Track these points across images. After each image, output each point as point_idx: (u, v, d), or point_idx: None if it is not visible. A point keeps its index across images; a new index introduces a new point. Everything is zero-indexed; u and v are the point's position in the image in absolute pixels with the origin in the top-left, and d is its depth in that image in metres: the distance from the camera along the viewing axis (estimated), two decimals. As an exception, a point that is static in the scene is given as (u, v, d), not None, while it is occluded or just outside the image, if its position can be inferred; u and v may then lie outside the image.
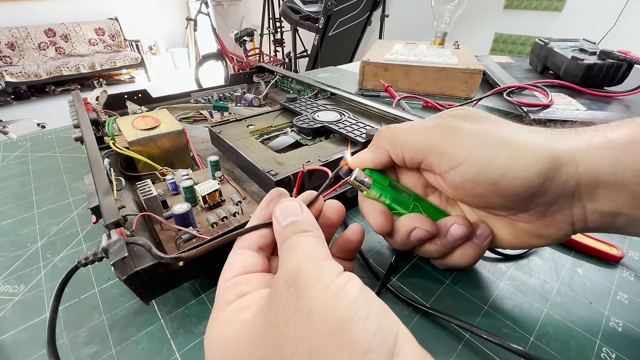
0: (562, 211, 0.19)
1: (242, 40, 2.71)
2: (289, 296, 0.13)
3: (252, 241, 0.18)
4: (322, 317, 0.12)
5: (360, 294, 0.13)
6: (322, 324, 0.12)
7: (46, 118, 2.37)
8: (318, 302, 0.12)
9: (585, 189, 0.18)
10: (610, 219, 0.18)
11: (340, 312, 0.12)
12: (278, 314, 0.13)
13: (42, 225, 0.33)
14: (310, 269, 0.14)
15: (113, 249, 0.20)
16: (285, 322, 0.13)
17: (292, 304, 0.13)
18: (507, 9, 1.99)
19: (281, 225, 0.17)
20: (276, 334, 0.13)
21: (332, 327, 0.12)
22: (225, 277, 0.17)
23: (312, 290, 0.13)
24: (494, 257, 0.28)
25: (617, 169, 0.17)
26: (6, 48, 3.11)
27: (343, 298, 0.12)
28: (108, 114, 0.46)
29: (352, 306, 0.12)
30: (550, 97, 0.53)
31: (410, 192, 0.23)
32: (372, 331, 0.12)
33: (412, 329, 0.22)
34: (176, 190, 0.32)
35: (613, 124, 0.19)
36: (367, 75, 0.70)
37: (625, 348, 0.21)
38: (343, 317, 0.12)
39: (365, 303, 0.12)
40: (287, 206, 0.18)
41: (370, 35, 2.54)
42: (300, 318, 0.12)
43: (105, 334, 0.22)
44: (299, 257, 0.15)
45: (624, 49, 0.56)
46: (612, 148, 0.17)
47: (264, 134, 0.40)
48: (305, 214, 0.18)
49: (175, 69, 4.22)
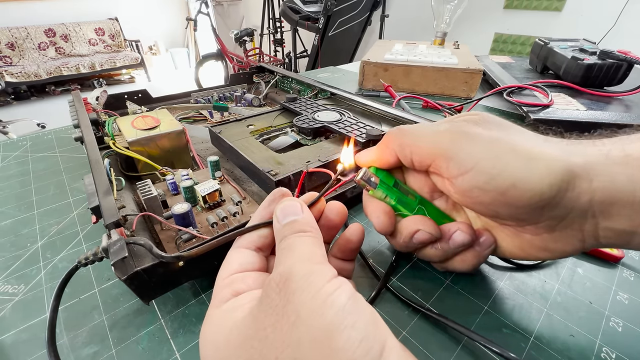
0: (572, 226, 0.18)
1: (242, 40, 2.71)
2: (279, 299, 0.13)
3: (251, 241, 0.18)
4: (308, 323, 0.12)
5: (348, 301, 0.13)
6: (307, 330, 0.12)
7: (46, 118, 2.37)
8: (305, 308, 0.12)
9: (599, 205, 0.17)
10: (626, 238, 0.17)
11: (326, 319, 0.12)
12: (266, 317, 0.13)
13: (42, 225, 0.33)
14: (302, 273, 0.14)
15: (113, 249, 0.20)
16: (272, 325, 0.13)
17: (281, 307, 0.13)
18: (507, 9, 1.99)
19: (281, 224, 0.17)
20: (263, 337, 0.13)
21: (317, 335, 0.12)
22: (222, 275, 0.17)
23: (300, 295, 0.13)
24: (504, 265, 0.27)
25: (634, 187, 0.16)
26: (6, 48, 3.11)
27: (331, 305, 0.12)
28: (108, 114, 0.46)
29: (339, 314, 0.12)
30: (550, 97, 0.53)
31: (416, 195, 0.23)
32: (357, 340, 0.12)
33: (411, 329, 0.22)
34: (176, 190, 0.32)
35: (633, 136, 0.18)
36: (367, 75, 0.70)
37: (625, 348, 0.21)
38: (329, 325, 0.12)
39: (352, 311, 0.12)
40: (288, 205, 0.18)
41: (370, 35, 2.54)
42: (287, 323, 0.12)
43: (105, 334, 0.22)
44: (293, 259, 0.15)
45: (624, 49, 0.56)
46: (629, 165, 0.16)
47: (264, 134, 0.40)
48: (306, 214, 0.18)
49: (175, 69, 4.22)
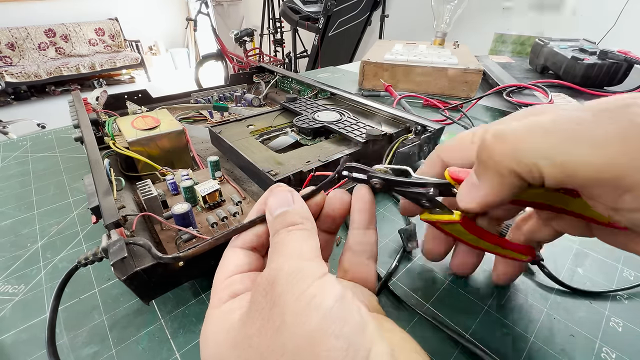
0: None
1: (242, 41, 2.70)
2: (265, 303, 0.13)
3: (246, 241, 0.18)
4: (292, 330, 0.12)
5: (335, 304, 0.12)
6: (291, 337, 0.12)
7: (46, 118, 2.36)
8: (290, 312, 0.12)
9: None
10: None
11: (309, 326, 0.11)
12: (253, 322, 0.13)
13: (42, 225, 0.33)
14: (288, 273, 0.13)
15: (113, 249, 0.20)
16: (259, 330, 0.12)
17: (267, 311, 0.12)
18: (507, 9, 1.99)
19: (272, 216, 0.17)
20: (250, 343, 0.12)
21: (301, 342, 0.11)
22: (219, 277, 0.17)
23: (285, 298, 0.12)
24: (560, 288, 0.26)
25: None
26: (6, 48, 3.11)
27: (315, 309, 0.12)
28: (108, 114, 0.46)
29: (323, 320, 0.12)
30: (550, 97, 0.53)
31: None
32: (341, 349, 0.11)
33: (410, 330, 0.22)
34: (176, 191, 0.32)
35: None
36: (367, 75, 0.70)
37: (625, 348, 0.21)
38: (312, 332, 0.11)
39: (338, 316, 0.12)
40: (279, 196, 0.17)
41: (370, 35, 2.54)
42: (272, 328, 0.12)
43: (105, 334, 0.22)
44: (280, 259, 0.14)
45: (624, 49, 0.56)
46: None
47: (264, 134, 0.40)
48: (297, 204, 0.17)
49: (175, 69, 4.21)
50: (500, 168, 0.13)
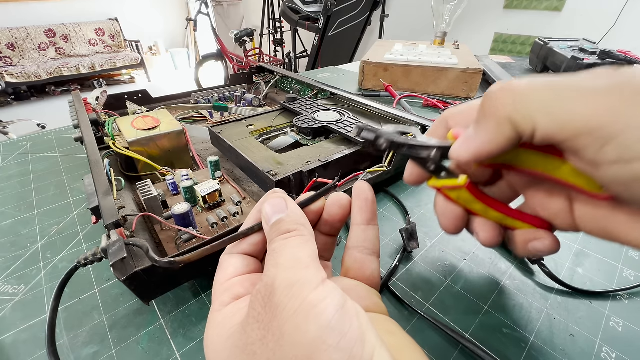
0: None
1: (242, 41, 2.71)
2: (265, 314, 0.13)
3: (242, 249, 0.18)
4: (291, 342, 0.12)
5: (336, 314, 0.12)
6: (291, 349, 0.12)
7: (46, 118, 2.37)
8: (289, 324, 0.12)
9: None
10: None
11: (309, 337, 0.11)
12: (253, 331, 0.13)
13: (42, 225, 0.33)
14: (285, 284, 0.13)
15: (112, 249, 0.20)
16: (260, 341, 0.12)
17: (267, 322, 0.12)
18: (507, 9, 1.99)
19: (268, 225, 0.17)
20: (251, 351, 0.12)
21: (300, 354, 0.11)
22: (219, 280, 0.16)
23: (283, 310, 0.12)
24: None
25: None
26: (6, 48, 3.11)
27: (315, 320, 0.12)
28: (108, 114, 0.46)
29: (323, 332, 0.11)
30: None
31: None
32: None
33: (410, 330, 0.22)
34: (176, 191, 0.32)
35: None
36: (367, 75, 0.70)
37: (625, 348, 0.21)
38: (311, 345, 0.11)
39: (338, 327, 0.12)
40: (273, 204, 0.17)
41: (370, 35, 2.54)
42: (272, 340, 0.12)
43: (105, 334, 0.22)
44: (277, 268, 0.14)
45: (624, 49, 0.56)
46: None
47: (264, 134, 0.40)
48: (290, 209, 0.17)
49: (175, 70, 4.22)
50: (499, 115, 0.14)
